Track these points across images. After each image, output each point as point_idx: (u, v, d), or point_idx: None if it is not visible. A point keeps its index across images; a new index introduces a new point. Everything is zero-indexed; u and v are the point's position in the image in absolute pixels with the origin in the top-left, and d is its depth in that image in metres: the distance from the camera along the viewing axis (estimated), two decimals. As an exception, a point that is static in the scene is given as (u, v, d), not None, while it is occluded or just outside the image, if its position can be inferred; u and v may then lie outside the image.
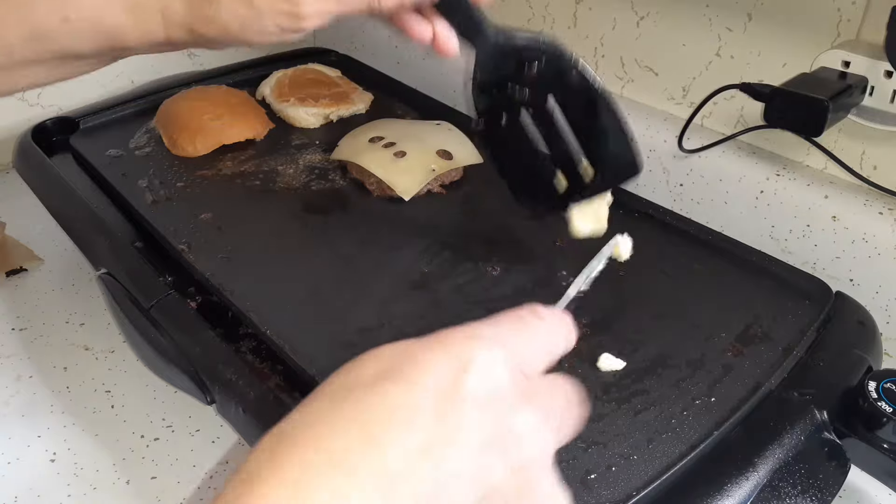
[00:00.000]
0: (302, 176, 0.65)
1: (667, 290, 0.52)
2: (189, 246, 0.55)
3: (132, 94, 0.76)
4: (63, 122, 0.72)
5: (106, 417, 0.55)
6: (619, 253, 0.46)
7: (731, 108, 0.66)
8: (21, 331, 0.63)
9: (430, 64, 0.88)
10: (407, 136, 0.66)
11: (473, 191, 0.64)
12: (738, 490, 0.38)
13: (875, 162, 0.59)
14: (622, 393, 0.44)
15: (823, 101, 0.52)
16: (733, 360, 0.46)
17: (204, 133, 0.68)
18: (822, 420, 0.42)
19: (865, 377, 0.44)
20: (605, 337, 0.48)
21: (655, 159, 0.69)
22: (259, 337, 0.48)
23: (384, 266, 0.54)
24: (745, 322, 0.49)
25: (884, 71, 0.53)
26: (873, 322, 0.50)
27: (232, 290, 0.51)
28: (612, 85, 0.75)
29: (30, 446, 0.52)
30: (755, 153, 0.64)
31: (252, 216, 0.60)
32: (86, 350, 0.61)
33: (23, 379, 0.58)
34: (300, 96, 0.75)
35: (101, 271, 0.55)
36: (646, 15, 0.69)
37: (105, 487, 0.50)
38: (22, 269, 0.69)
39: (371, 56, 0.95)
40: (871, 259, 0.57)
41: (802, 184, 0.61)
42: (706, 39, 0.65)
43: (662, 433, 0.41)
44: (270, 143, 0.71)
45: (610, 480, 0.38)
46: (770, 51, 0.62)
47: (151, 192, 0.62)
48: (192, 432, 0.53)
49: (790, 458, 0.40)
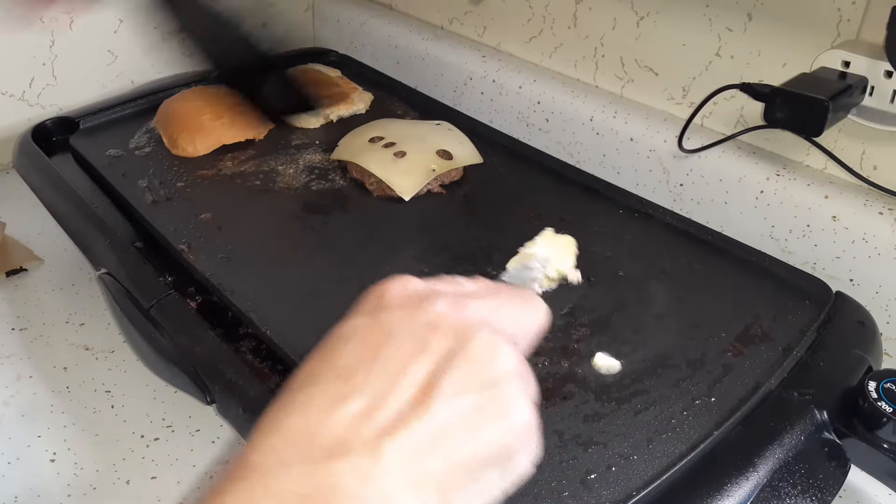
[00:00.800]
0: (302, 176, 0.65)
1: (667, 290, 0.52)
2: (189, 246, 0.55)
3: (132, 94, 0.77)
4: (63, 122, 0.72)
5: (106, 417, 0.55)
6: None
7: (731, 108, 0.66)
8: (21, 331, 0.63)
9: (430, 64, 0.89)
10: (407, 136, 0.66)
11: (473, 191, 0.64)
12: (738, 490, 0.38)
13: (875, 162, 0.59)
14: (622, 393, 0.44)
15: (823, 101, 0.52)
16: (733, 360, 0.46)
17: (204, 133, 0.68)
18: (822, 420, 0.42)
19: (865, 377, 0.44)
20: (604, 337, 0.48)
21: (655, 159, 0.69)
22: (259, 337, 0.48)
23: (384, 266, 0.54)
24: (745, 322, 0.49)
25: (884, 71, 0.53)
26: (873, 322, 0.50)
27: (232, 290, 0.51)
28: (612, 85, 0.75)
29: (30, 446, 0.52)
30: (755, 153, 0.64)
31: (252, 216, 0.60)
32: (86, 350, 0.61)
33: (23, 379, 0.58)
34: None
35: (101, 271, 0.55)
36: (646, 15, 0.69)
37: (105, 487, 0.50)
38: (22, 270, 0.69)
39: (371, 56, 0.96)
40: (871, 259, 0.57)
41: (802, 184, 0.61)
42: (706, 39, 0.65)
43: (662, 433, 0.41)
44: (270, 143, 0.71)
45: (610, 480, 0.38)
46: (770, 51, 0.62)
47: (151, 192, 0.62)
48: (192, 432, 0.53)
49: (790, 458, 0.40)
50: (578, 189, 0.63)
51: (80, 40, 0.86)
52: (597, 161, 0.74)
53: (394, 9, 0.98)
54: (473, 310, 0.28)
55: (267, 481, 0.23)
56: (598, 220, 0.59)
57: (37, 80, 0.85)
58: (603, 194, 0.63)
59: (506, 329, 0.28)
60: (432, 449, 0.24)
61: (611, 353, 0.46)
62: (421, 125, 0.71)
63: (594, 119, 0.73)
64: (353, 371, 0.25)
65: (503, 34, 0.85)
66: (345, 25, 1.01)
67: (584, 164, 0.74)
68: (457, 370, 0.25)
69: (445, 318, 0.27)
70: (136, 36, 0.91)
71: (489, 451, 0.25)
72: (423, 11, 0.94)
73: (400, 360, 0.25)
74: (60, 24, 0.84)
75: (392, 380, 0.25)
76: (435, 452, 0.24)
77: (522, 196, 0.63)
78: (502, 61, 0.82)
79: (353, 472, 0.23)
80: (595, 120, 0.73)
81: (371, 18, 0.96)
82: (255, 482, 0.23)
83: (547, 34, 0.79)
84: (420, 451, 0.24)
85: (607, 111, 0.73)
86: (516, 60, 0.82)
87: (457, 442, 0.24)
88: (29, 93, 0.85)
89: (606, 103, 0.73)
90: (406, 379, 0.25)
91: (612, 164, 0.73)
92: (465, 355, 0.26)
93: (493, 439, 0.25)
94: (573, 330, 0.48)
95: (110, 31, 0.89)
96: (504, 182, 0.65)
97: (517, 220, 0.59)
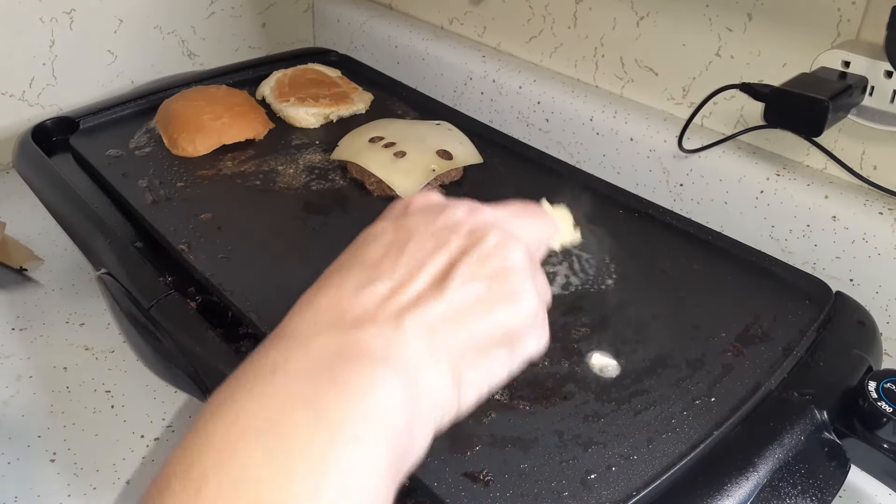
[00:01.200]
0: (302, 176, 0.65)
1: (667, 290, 0.52)
2: (189, 246, 0.55)
3: (132, 94, 0.76)
4: (63, 122, 0.72)
5: (106, 417, 0.55)
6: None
7: (731, 108, 0.66)
8: (21, 331, 0.63)
9: (430, 64, 0.89)
10: (407, 136, 0.66)
11: (473, 191, 0.64)
12: (738, 490, 0.38)
13: (875, 162, 0.59)
14: (622, 393, 0.44)
15: (823, 101, 0.52)
16: (733, 360, 0.46)
17: (204, 133, 0.68)
18: (822, 420, 0.42)
19: (865, 377, 0.44)
20: (604, 337, 0.48)
21: (655, 159, 0.69)
22: (259, 337, 0.48)
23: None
24: (745, 322, 0.49)
25: (884, 71, 0.53)
26: (873, 322, 0.50)
27: (232, 290, 0.51)
28: (612, 85, 0.75)
29: (30, 446, 0.52)
30: (755, 153, 0.64)
31: (252, 216, 0.60)
32: (86, 350, 0.61)
33: (23, 379, 0.58)
34: (300, 96, 0.75)
35: (101, 271, 0.55)
36: (646, 15, 0.69)
37: (105, 487, 0.50)
38: (22, 270, 0.69)
39: (371, 56, 0.96)
40: (871, 259, 0.57)
41: (802, 184, 0.61)
42: (706, 39, 0.65)
43: (662, 433, 0.41)
44: (270, 143, 0.71)
45: (610, 480, 0.38)
46: (770, 51, 0.62)
47: (151, 192, 0.62)
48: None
49: (790, 458, 0.40)
50: (578, 189, 0.63)
51: (80, 40, 0.86)
52: (597, 161, 0.74)
53: (394, 9, 0.98)
54: (487, 214, 0.31)
55: (300, 342, 0.26)
56: (597, 220, 0.59)
57: (37, 80, 0.85)
58: (603, 194, 0.63)
59: (517, 233, 0.31)
60: (446, 326, 0.27)
61: (611, 353, 0.46)
62: (421, 125, 0.71)
63: (594, 119, 0.73)
64: (379, 261, 0.29)
65: (503, 34, 0.85)
66: (345, 25, 1.01)
67: (584, 164, 0.74)
68: (470, 262, 0.29)
69: (463, 221, 0.30)
70: (136, 36, 0.91)
71: (498, 331, 0.29)
72: (423, 11, 0.94)
73: (421, 254, 0.29)
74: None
75: (413, 269, 0.28)
76: (449, 329, 0.27)
77: (522, 196, 0.63)
78: (502, 61, 0.82)
79: (379, 337, 0.26)
80: (595, 120, 0.73)
81: (371, 18, 0.96)
82: (292, 343, 0.27)
83: (547, 34, 0.79)
84: (436, 327, 0.27)
85: (607, 111, 0.73)
86: (516, 60, 0.82)
87: (468, 322, 0.28)
88: (29, 93, 0.85)
89: (606, 103, 0.73)
90: (426, 269, 0.28)
91: (612, 164, 0.73)
92: (478, 250, 0.29)
93: (501, 321, 0.29)
94: (573, 330, 0.48)
95: (110, 31, 0.89)
96: (504, 182, 0.65)
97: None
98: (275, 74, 0.79)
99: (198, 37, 0.96)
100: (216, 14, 0.97)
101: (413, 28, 0.92)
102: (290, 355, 0.26)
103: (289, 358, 0.26)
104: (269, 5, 1.02)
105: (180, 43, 0.95)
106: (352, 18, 0.99)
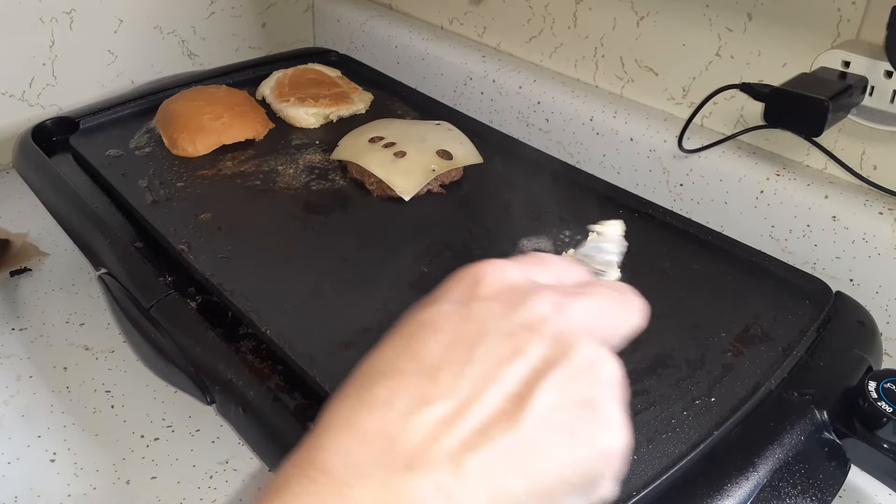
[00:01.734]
0: (302, 176, 0.65)
1: (667, 290, 0.52)
2: (189, 246, 0.55)
3: (132, 94, 0.76)
4: (63, 122, 0.72)
5: (106, 417, 0.55)
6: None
7: (731, 108, 0.66)
8: (21, 331, 0.63)
9: (430, 64, 0.89)
10: (407, 136, 0.66)
11: (473, 191, 0.64)
12: (738, 490, 0.38)
13: (875, 162, 0.59)
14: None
15: (823, 101, 0.52)
16: (733, 360, 0.46)
17: (204, 133, 0.68)
18: (822, 420, 0.42)
19: (865, 377, 0.44)
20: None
21: (655, 159, 0.69)
22: (259, 337, 0.48)
23: (384, 266, 0.54)
24: (745, 322, 0.49)
25: (884, 71, 0.53)
26: (873, 322, 0.50)
27: (232, 290, 0.51)
28: (612, 85, 0.75)
29: (30, 446, 0.52)
30: (755, 153, 0.64)
31: (252, 216, 0.60)
32: (86, 350, 0.61)
33: (23, 379, 0.58)
34: (300, 96, 0.75)
35: (101, 271, 0.55)
36: (646, 15, 0.69)
37: (105, 487, 0.50)
38: (26, 269, 0.69)
39: (371, 56, 0.96)
40: (871, 259, 0.57)
41: (802, 184, 0.61)
42: (706, 39, 0.65)
43: (662, 433, 0.41)
44: (270, 143, 0.71)
45: (610, 480, 0.38)
46: (770, 51, 0.62)
47: (151, 192, 0.62)
48: (192, 432, 0.53)
49: (790, 458, 0.40)
50: (578, 189, 0.63)
51: (80, 40, 0.86)
52: (597, 161, 0.74)
53: (394, 9, 0.98)
54: (576, 313, 0.25)
55: (340, 489, 0.21)
56: (597, 220, 0.59)
57: (37, 80, 0.85)
58: (603, 194, 0.63)
59: (604, 332, 0.26)
60: (516, 467, 0.22)
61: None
62: (421, 125, 0.71)
63: (594, 119, 0.73)
64: (438, 369, 0.23)
65: (503, 34, 0.85)
66: (345, 25, 1.01)
67: (584, 164, 0.74)
68: (553, 382, 0.23)
69: (546, 320, 0.24)
70: (136, 36, 0.91)
71: (575, 475, 0.23)
72: (423, 11, 0.94)
73: (491, 363, 0.23)
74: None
75: (481, 385, 0.23)
76: (518, 471, 0.22)
77: (522, 196, 0.63)
78: (502, 61, 0.82)
79: (434, 490, 0.21)
80: (595, 120, 0.73)
81: (371, 18, 0.96)
82: (326, 487, 0.21)
83: (547, 34, 0.79)
84: (503, 468, 0.22)
85: (607, 111, 0.73)
86: (516, 60, 0.82)
87: (543, 463, 0.22)
88: (29, 93, 0.85)
89: (606, 103, 0.73)
90: (496, 385, 0.23)
91: (612, 164, 0.73)
92: (565, 366, 0.23)
93: (582, 463, 0.23)
94: (573, 330, 0.48)
95: (110, 31, 0.89)
96: (504, 182, 0.65)
97: (517, 220, 0.59)
98: (275, 74, 0.79)
99: (198, 37, 0.97)
100: (216, 14, 0.97)
101: (413, 28, 0.92)
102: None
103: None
104: (269, 5, 1.02)
105: (180, 43, 0.95)
106: (352, 18, 0.99)
